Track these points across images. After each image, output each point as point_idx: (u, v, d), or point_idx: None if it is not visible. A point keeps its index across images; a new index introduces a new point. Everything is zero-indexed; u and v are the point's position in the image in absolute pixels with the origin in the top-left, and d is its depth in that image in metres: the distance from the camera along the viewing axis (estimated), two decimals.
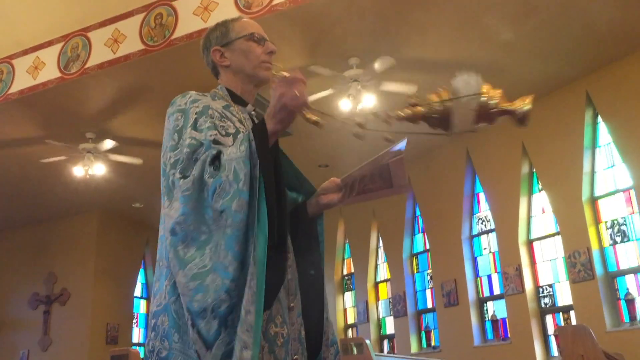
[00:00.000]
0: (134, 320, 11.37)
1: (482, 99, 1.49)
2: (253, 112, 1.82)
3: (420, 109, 1.53)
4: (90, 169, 7.92)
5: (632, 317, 6.74)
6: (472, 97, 1.49)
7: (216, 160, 1.50)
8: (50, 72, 6.98)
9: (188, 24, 6.23)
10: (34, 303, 10.96)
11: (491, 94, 1.50)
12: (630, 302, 6.79)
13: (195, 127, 1.59)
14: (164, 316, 1.49)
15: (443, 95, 1.52)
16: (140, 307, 11.62)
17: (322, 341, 1.67)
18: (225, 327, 1.38)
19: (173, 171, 1.53)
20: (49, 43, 7.12)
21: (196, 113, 1.62)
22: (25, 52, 7.24)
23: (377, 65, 6.24)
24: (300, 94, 1.47)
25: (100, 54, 6.69)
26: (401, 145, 1.65)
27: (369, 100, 6.66)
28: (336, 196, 1.74)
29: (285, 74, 1.51)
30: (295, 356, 1.54)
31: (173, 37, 6.28)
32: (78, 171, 8.02)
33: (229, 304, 1.38)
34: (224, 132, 1.62)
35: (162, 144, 1.64)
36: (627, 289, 6.88)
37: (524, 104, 1.49)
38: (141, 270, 11.72)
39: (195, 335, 1.39)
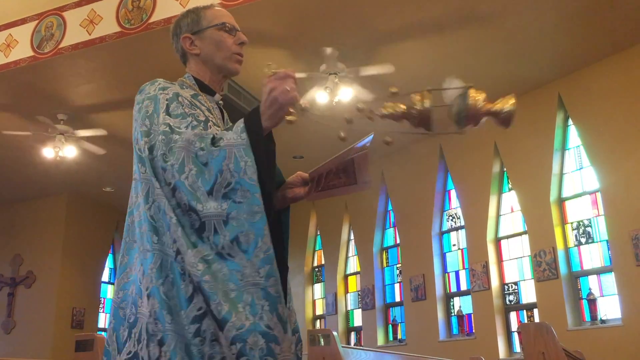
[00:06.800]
0: (101, 306, 11.25)
1: (468, 100, 1.47)
2: (221, 102, 1.83)
3: (402, 106, 1.51)
4: (60, 151, 7.79)
5: (593, 317, 6.90)
6: (457, 99, 1.49)
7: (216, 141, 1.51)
8: (22, 50, 6.84)
9: (166, 8, 6.15)
10: None
11: (476, 96, 1.49)
12: (591, 302, 6.96)
13: (168, 112, 1.57)
14: (153, 299, 1.46)
15: (426, 95, 1.51)
16: (108, 292, 11.49)
17: None
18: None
19: (151, 156, 1.51)
20: (23, 21, 6.98)
21: (167, 99, 1.61)
22: None
23: (374, 69, 6.25)
24: (291, 89, 1.47)
25: (75, 35, 6.57)
26: (367, 140, 1.62)
27: (345, 94, 6.66)
28: (302, 190, 1.73)
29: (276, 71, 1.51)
30: None
31: (150, 20, 6.20)
32: (48, 153, 7.89)
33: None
34: (194, 120, 1.62)
35: (133, 132, 1.62)
36: (590, 289, 7.04)
37: (507, 105, 1.48)
38: (109, 255, 11.59)
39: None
